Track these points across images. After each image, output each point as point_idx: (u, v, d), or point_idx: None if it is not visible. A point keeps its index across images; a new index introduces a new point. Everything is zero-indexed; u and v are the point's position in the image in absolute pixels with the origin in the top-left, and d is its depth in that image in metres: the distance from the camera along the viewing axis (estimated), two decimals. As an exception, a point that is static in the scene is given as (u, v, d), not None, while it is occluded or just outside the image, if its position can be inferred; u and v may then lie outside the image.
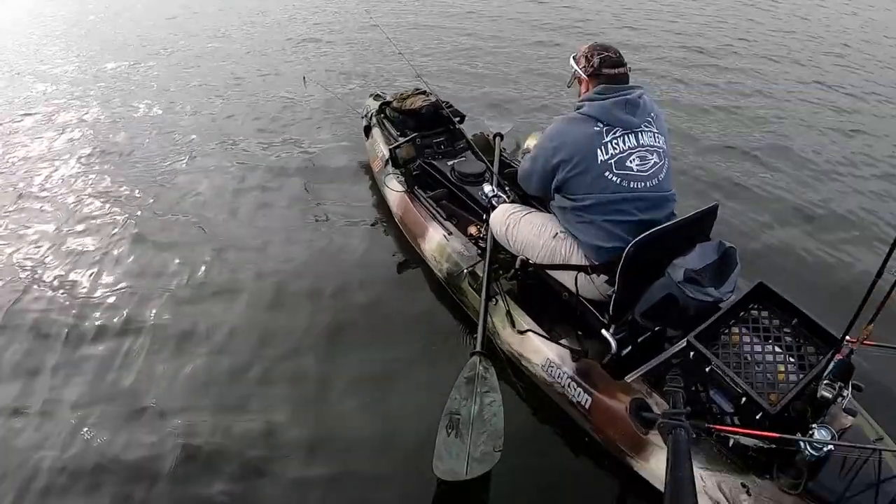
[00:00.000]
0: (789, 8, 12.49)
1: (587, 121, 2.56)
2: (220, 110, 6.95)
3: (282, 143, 5.94)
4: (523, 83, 7.58)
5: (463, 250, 3.52)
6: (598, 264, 2.69)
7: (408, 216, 3.99)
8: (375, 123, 4.87)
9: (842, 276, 4.05)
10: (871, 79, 8.40)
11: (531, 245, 2.93)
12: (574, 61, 2.75)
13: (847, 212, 4.90)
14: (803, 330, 2.34)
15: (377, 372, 3.22)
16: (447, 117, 4.53)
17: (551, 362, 2.85)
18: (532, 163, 2.77)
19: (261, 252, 4.22)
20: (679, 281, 2.35)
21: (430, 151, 4.39)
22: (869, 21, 11.96)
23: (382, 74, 7.84)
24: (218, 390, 3.16)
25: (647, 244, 2.38)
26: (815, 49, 9.74)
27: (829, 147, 6.09)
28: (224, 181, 5.25)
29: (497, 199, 3.35)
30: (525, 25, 11.07)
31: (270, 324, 3.57)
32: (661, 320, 2.54)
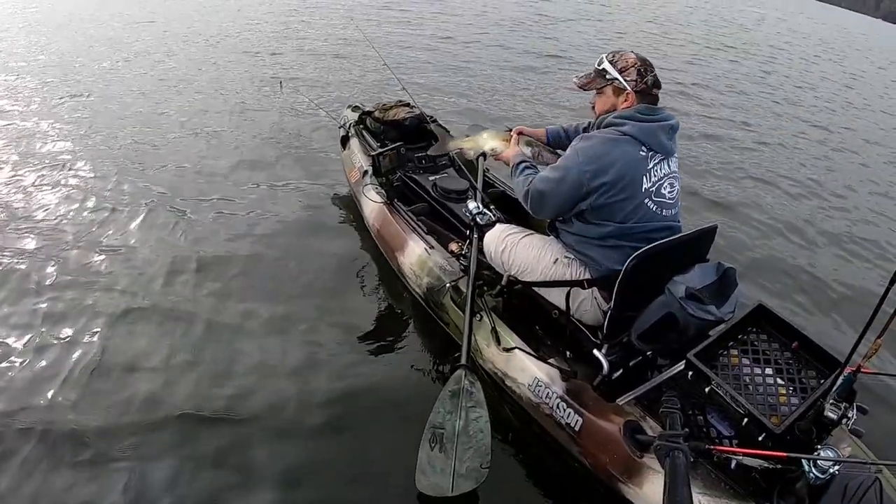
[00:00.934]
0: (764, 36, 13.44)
1: (632, 143, 2.53)
2: (192, 104, 6.99)
3: (252, 143, 5.98)
4: (508, 103, 7.82)
5: (445, 265, 3.52)
6: (595, 278, 2.72)
7: (386, 228, 3.97)
8: (353, 134, 4.86)
9: (844, 297, 4.16)
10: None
11: (529, 269, 2.95)
12: (613, 67, 2.61)
13: (845, 232, 5.10)
14: (804, 353, 2.38)
15: (354, 386, 3.17)
16: (430, 132, 4.56)
17: (539, 382, 2.83)
18: (555, 184, 2.60)
19: (226, 266, 4.09)
20: (680, 297, 2.38)
21: (411, 165, 4.40)
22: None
23: (363, 86, 7.94)
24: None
25: (648, 259, 2.41)
26: (812, 71, 10.51)
27: (822, 167, 6.44)
28: (185, 181, 5.20)
29: (482, 216, 3.35)
30: (512, 50, 11.41)
31: (239, 343, 3.44)
32: (660, 343, 2.55)
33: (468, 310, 3.05)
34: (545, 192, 2.65)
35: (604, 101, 2.68)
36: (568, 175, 2.56)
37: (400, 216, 3.95)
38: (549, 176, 2.64)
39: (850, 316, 3.88)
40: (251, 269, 4.07)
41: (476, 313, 3.12)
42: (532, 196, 2.71)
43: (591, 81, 2.68)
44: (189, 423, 2.88)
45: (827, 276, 4.41)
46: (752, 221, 5.45)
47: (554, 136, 3.18)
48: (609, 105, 2.66)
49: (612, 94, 2.64)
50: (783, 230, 5.29)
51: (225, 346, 3.39)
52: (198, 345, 3.38)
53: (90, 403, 2.98)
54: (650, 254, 2.42)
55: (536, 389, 2.85)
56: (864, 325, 1.94)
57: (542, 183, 2.66)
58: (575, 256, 2.81)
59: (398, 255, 3.82)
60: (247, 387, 3.12)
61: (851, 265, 4.97)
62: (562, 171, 2.59)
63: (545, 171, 2.71)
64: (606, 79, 2.63)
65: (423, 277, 3.58)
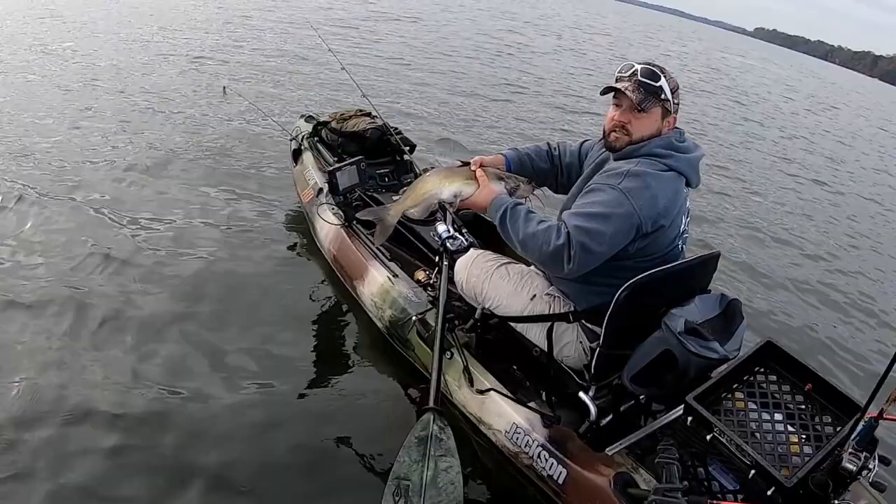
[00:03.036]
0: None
1: (679, 180, 2.51)
2: (121, 111, 6.86)
3: (189, 156, 5.85)
4: (482, 115, 7.83)
5: (411, 295, 3.47)
6: (580, 311, 2.69)
7: (344, 254, 3.92)
8: (307, 147, 4.83)
9: (862, 336, 4.19)
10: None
11: (504, 304, 2.91)
12: (668, 86, 2.50)
13: (869, 268, 5.20)
14: (818, 397, 2.36)
15: (307, 431, 3.12)
16: (395, 145, 4.55)
17: (518, 428, 2.78)
18: (608, 237, 2.38)
19: (160, 301, 3.95)
20: (680, 332, 2.35)
21: (372, 184, 4.37)
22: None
23: (318, 94, 7.95)
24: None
25: (642, 289, 2.38)
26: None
27: (838, 198, 6.67)
28: (108, 202, 5.03)
29: (452, 241, 3.32)
30: (485, 63, 11.57)
31: (178, 385, 3.32)
32: (656, 385, 2.51)
33: (437, 347, 2.94)
34: (592, 249, 2.37)
35: (649, 123, 2.53)
36: (622, 223, 2.37)
37: (359, 240, 3.92)
38: (594, 227, 2.36)
39: (869, 356, 3.96)
40: (189, 301, 3.95)
41: (446, 350, 3.05)
42: (575, 254, 2.36)
43: (645, 100, 2.48)
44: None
45: (840, 313, 4.48)
46: (765, 250, 5.59)
47: (515, 164, 2.97)
48: (654, 129, 2.54)
49: (661, 117, 2.54)
50: (801, 261, 5.43)
51: (164, 390, 3.27)
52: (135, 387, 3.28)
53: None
54: (644, 283, 2.39)
55: (515, 437, 2.79)
56: (887, 366, 1.92)
57: (585, 236, 2.36)
58: (558, 293, 2.78)
59: (357, 283, 3.76)
60: (191, 433, 3.04)
61: (869, 303, 5.08)
62: (612, 219, 2.37)
63: (578, 220, 2.40)
64: (660, 98, 2.50)
65: (385, 309, 3.52)
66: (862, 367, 4.13)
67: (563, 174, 3.06)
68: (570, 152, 3.05)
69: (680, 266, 2.55)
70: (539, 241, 2.43)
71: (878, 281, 6.58)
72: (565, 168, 3.05)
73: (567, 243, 2.36)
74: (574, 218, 2.42)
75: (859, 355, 4.10)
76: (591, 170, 2.77)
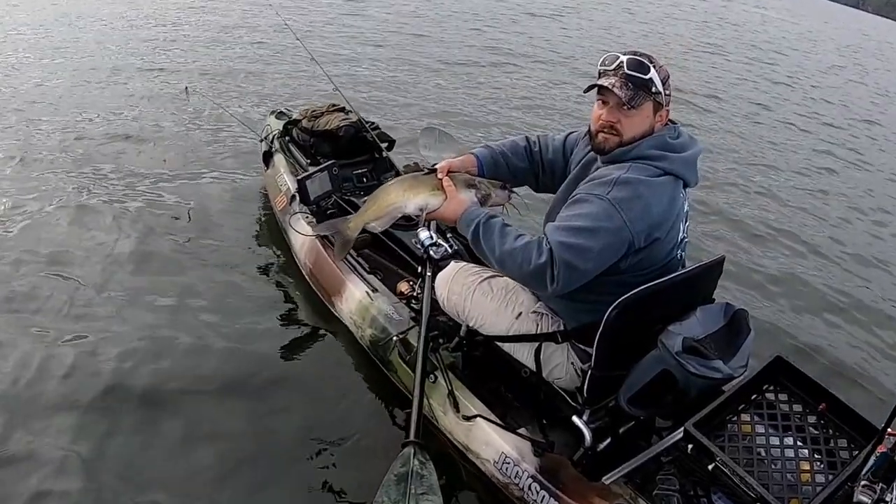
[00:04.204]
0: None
1: (675, 184, 2.41)
2: (72, 123, 6.65)
3: (151, 172, 5.65)
4: (468, 102, 7.72)
5: (391, 312, 3.42)
6: (570, 330, 2.62)
7: (320, 268, 3.87)
8: (278, 148, 4.75)
9: (884, 350, 4.11)
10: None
11: (488, 322, 2.84)
12: (659, 77, 2.38)
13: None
14: (833, 418, 2.31)
15: (284, 463, 3.06)
16: (372, 142, 4.48)
17: (507, 457, 2.75)
18: (595, 253, 2.28)
19: (124, 323, 3.84)
20: (677, 352, 2.27)
21: (349, 186, 4.30)
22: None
23: (289, 88, 7.81)
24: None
25: (635, 305, 2.30)
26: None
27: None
28: (73, 223, 4.89)
29: (436, 248, 3.24)
30: (460, 41, 11.47)
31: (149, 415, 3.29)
32: (655, 407, 2.48)
33: (418, 372, 2.90)
34: (578, 267, 2.27)
35: (639, 121, 2.41)
36: (612, 238, 2.28)
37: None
38: (580, 243, 2.26)
39: (892, 372, 3.89)
40: (154, 322, 3.87)
41: (429, 374, 3.01)
42: (559, 272, 2.26)
43: (636, 96, 2.36)
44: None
45: (859, 325, 4.41)
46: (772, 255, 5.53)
47: (488, 164, 2.85)
48: (646, 126, 2.42)
49: (652, 111, 2.42)
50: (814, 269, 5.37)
51: (134, 421, 3.23)
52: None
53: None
54: (638, 298, 2.30)
55: (504, 466, 2.76)
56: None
57: (570, 252, 2.25)
58: (546, 311, 2.71)
59: (335, 299, 3.73)
60: (153, 460, 3.02)
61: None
62: (600, 233, 2.26)
63: (562, 234, 2.29)
64: (651, 92, 2.37)
65: (365, 328, 3.49)
66: (883, 384, 4.00)
67: (544, 172, 2.93)
68: (553, 147, 2.91)
69: (679, 277, 2.45)
70: (518, 259, 2.32)
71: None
72: (547, 165, 2.91)
73: (550, 261, 2.25)
74: (557, 233, 2.31)
75: (880, 371, 3.99)
76: (579, 170, 2.66)
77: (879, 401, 3.58)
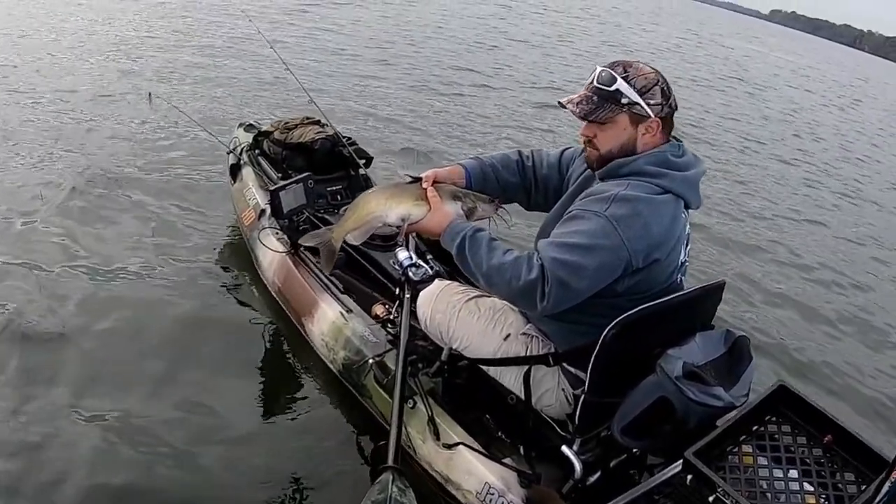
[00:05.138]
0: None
1: (677, 203, 2.37)
2: (25, 131, 6.53)
3: (109, 185, 5.57)
4: (446, 120, 7.78)
5: (367, 334, 3.37)
6: (562, 353, 2.58)
7: (290, 286, 3.81)
8: (247, 161, 4.70)
9: (890, 377, 4.13)
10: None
11: (474, 344, 2.79)
12: (631, 87, 2.32)
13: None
14: (840, 450, 2.26)
15: (252, 491, 3.02)
16: (348, 158, 4.46)
17: (491, 488, 2.69)
18: (591, 272, 2.23)
19: (77, 343, 3.76)
20: (677, 376, 2.23)
21: (322, 202, 4.28)
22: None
23: (261, 99, 7.83)
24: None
25: (632, 327, 2.28)
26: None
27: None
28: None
29: (416, 269, 3.23)
30: (454, 53, 11.55)
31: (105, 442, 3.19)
32: (651, 438, 2.42)
33: (397, 395, 2.85)
34: (571, 286, 2.23)
35: (615, 135, 2.38)
36: (608, 257, 2.23)
37: (308, 270, 3.81)
38: (574, 260, 2.21)
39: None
40: (112, 339, 3.80)
41: (408, 399, 2.95)
42: (550, 290, 2.21)
43: (598, 109, 2.34)
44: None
45: (868, 351, 4.46)
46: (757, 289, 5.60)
47: (477, 177, 2.80)
48: (624, 140, 2.37)
49: (630, 124, 2.36)
50: (817, 295, 5.46)
51: (86, 449, 3.13)
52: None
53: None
54: (635, 320, 2.27)
55: (487, 498, 2.70)
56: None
57: (564, 269, 2.21)
58: (536, 333, 2.68)
59: (306, 320, 3.67)
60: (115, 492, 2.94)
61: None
62: (596, 251, 2.22)
63: (556, 251, 2.25)
64: (621, 104, 2.33)
65: (338, 351, 3.43)
66: (893, 411, 4.04)
67: (537, 189, 2.88)
68: (548, 163, 2.86)
69: (677, 299, 2.43)
70: (507, 274, 2.27)
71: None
72: (541, 182, 2.87)
73: (542, 277, 2.21)
74: (551, 248, 2.26)
75: (889, 398, 4.02)
76: (576, 187, 2.63)
77: (890, 429, 3.63)
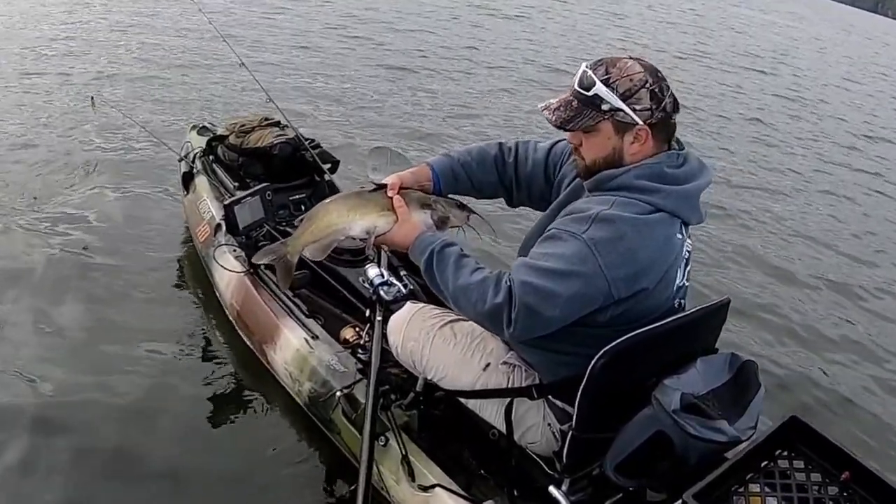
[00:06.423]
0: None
1: (671, 223, 2.22)
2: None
3: (49, 197, 5.46)
4: (423, 117, 7.75)
5: (334, 363, 3.26)
6: (547, 384, 2.49)
7: (249, 309, 3.70)
8: (200, 170, 4.60)
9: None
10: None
11: (450, 376, 2.69)
12: (612, 91, 2.13)
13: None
14: (858, 489, 2.18)
15: None
16: (312, 163, 4.40)
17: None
18: (564, 301, 2.10)
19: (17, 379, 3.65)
20: (674, 410, 2.14)
21: (284, 213, 4.21)
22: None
23: (214, 99, 7.77)
24: None
25: (624, 355, 2.16)
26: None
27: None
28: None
29: (388, 288, 3.16)
30: (420, 48, 11.50)
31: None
32: (648, 476, 2.34)
33: (367, 431, 2.74)
34: (541, 313, 2.12)
35: (599, 144, 2.23)
36: (584, 287, 2.10)
37: (268, 291, 3.70)
38: (546, 286, 2.10)
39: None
40: (53, 377, 3.67)
41: (379, 436, 2.86)
42: (517, 316, 2.12)
43: (577, 116, 2.20)
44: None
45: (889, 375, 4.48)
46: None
47: (447, 178, 2.66)
48: (609, 150, 2.22)
49: (614, 132, 2.19)
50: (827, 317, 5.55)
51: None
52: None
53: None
54: (628, 346, 2.15)
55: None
56: None
57: (533, 296, 2.10)
58: (519, 362, 2.57)
59: (268, 348, 3.57)
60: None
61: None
62: (571, 279, 2.09)
63: (527, 274, 2.14)
64: (602, 110, 2.16)
65: (303, 382, 3.33)
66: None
67: (520, 189, 2.72)
68: (534, 160, 2.67)
69: (675, 322, 2.30)
70: (472, 296, 2.18)
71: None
72: (524, 181, 2.69)
73: (508, 301, 2.11)
74: (522, 271, 2.14)
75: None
76: (565, 196, 2.48)
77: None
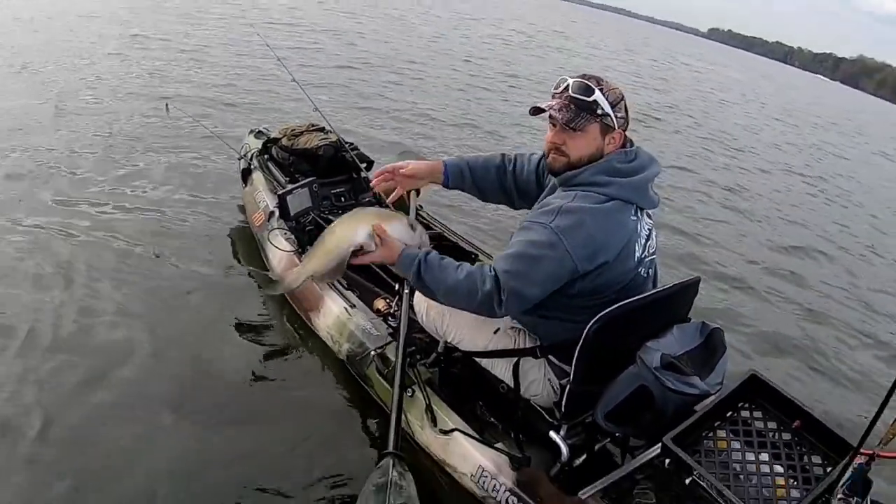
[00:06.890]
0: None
1: (624, 209, 2.47)
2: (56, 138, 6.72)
3: (128, 186, 5.80)
4: (446, 126, 7.87)
5: (369, 328, 3.49)
6: (547, 346, 2.71)
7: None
8: (257, 166, 4.84)
9: (858, 366, 4.23)
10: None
11: (467, 338, 2.93)
12: (607, 99, 2.45)
13: (861, 290, 5.34)
14: (807, 435, 2.37)
15: (260, 473, 3.11)
16: (351, 162, 4.58)
17: (484, 471, 2.81)
18: (541, 282, 2.41)
19: (94, 340, 3.87)
20: (655, 367, 2.36)
21: (327, 204, 4.41)
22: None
23: (268, 108, 7.98)
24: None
25: (614, 321, 2.41)
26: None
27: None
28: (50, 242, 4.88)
29: None
30: (450, 68, 11.64)
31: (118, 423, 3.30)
32: (632, 424, 2.54)
33: (396, 385, 2.99)
34: (524, 294, 2.42)
35: (586, 143, 2.50)
36: (554, 267, 2.39)
37: None
38: (524, 270, 2.39)
39: (868, 387, 4.08)
40: (134, 333, 3.93)
41: (407, 388, 3.07)
42: (506, 298, 2.41)
43: (576, 118, 2.46)
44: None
45: (831, 344, 4.57)
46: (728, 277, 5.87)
47: (454, 175, 2.98)
48: (594, 149, 2.51)
49: (600, 134, 2.50)
50: (787, 284, 5.64)
51: (102, 427, 3.26)
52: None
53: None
54: (617, 315, 2.40)
55: (481, 480, 2.81)
56: (881, 402, 1.93)
57: (516, 280, 2.39)
58: (523, 327, 2.80)
59: (312, 315, 3.78)
60: (146, 476, 3.03)
61: (862, 333, 5.28)
62: (544, 262, 2.38)
63: (507, 262, 2.42)
64: (597, 115, 2.46)
65: (343, 343, 3.54)
66: (858, 400, 4.15)
67: (519, 194, 3.01)
68: (527, 170, 2.97)
69: (656, 295, 2.57)
70: (464, 290, 2.45)
71: (882, 301, 6.74)
72: (521, 187, 2.99)
73: (496, 287, 2.40)
74: (502, 260, 2.45)
75: (856, 387, 4.22)
76: (545, 193, 2.77)
77: (856, 415, 3.77)
